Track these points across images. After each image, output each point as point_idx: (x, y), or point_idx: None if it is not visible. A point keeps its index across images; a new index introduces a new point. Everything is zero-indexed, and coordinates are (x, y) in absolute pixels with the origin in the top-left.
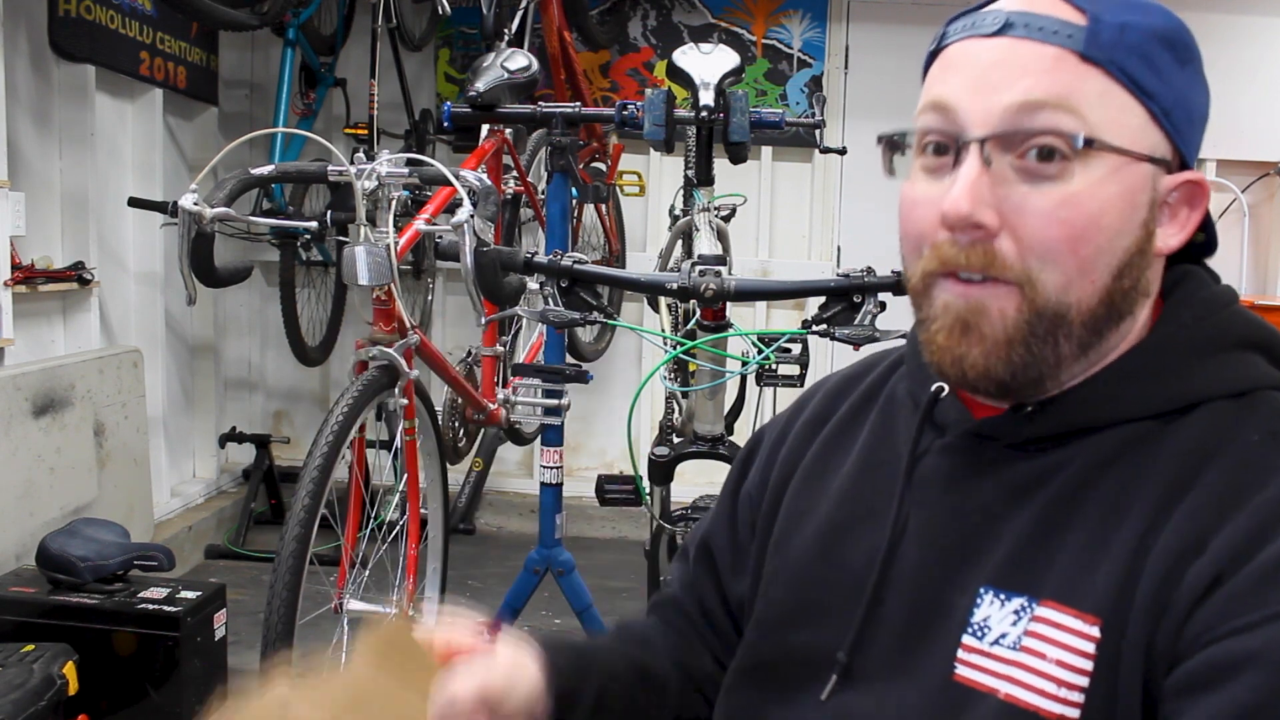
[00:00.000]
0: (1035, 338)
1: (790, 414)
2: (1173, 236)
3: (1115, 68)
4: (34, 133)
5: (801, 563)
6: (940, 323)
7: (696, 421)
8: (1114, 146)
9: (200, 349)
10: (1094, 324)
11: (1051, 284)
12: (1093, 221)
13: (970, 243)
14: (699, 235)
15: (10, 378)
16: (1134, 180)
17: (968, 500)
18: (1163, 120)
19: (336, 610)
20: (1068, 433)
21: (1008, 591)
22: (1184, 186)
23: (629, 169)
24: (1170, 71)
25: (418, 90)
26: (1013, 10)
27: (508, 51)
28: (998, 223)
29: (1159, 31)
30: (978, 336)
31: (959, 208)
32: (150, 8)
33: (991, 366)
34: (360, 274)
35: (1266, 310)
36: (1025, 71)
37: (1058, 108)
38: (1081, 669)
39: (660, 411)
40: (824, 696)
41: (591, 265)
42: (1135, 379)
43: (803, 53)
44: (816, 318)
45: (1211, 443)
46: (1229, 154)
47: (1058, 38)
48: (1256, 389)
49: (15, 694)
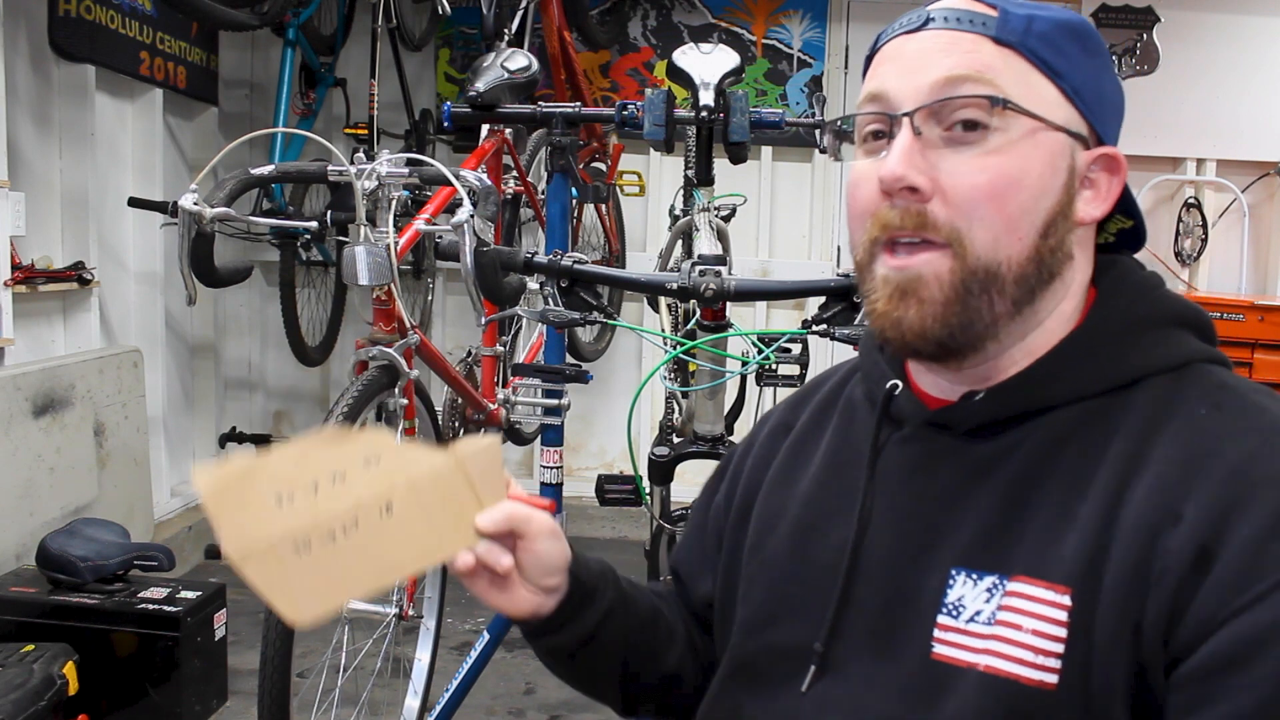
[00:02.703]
0: (970, 295)
1: (755, 429)
2: (1095, 207)
3: (1026, 49)
4: (34, 133)
5: (776, 564)
6: (879, 293)
7: (696, 421)
8: (1029, 111)
9: (200, 349)
10: (1025, 281)
11: (980, 241)
12: (1013, 180)
13: (905, 206)
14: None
15: (10, 378)
16: (1052, 145)
17: (929, 487)
18: (1074, 98)
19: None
20: (1019, 415)
21: (979, 571)
22: (1102, 159)
23: (629, 169)
24: (1077, 57)
25: (418, 90)
26: (933, 8)
27: (508, 51)
28: (930, 186)
29: (1064, 23)
30: (915, 300)
31: (893, 170)
32: (150, 8)
33: (928, 327)
34: (360, 274)
35: (1267, 310)
36: (947, 53)
37: (977, 80)
38: (1057, 636)
39: (660, 411)
40: (804, 688)
41: (591, 265)
42: (1078, 359)
43: (803, 53)
44: (816, 318)
45: (1159, 414)
46: (1229, 154)
47: (974, 26)
48: (1190, 362)
49: (15, 694)
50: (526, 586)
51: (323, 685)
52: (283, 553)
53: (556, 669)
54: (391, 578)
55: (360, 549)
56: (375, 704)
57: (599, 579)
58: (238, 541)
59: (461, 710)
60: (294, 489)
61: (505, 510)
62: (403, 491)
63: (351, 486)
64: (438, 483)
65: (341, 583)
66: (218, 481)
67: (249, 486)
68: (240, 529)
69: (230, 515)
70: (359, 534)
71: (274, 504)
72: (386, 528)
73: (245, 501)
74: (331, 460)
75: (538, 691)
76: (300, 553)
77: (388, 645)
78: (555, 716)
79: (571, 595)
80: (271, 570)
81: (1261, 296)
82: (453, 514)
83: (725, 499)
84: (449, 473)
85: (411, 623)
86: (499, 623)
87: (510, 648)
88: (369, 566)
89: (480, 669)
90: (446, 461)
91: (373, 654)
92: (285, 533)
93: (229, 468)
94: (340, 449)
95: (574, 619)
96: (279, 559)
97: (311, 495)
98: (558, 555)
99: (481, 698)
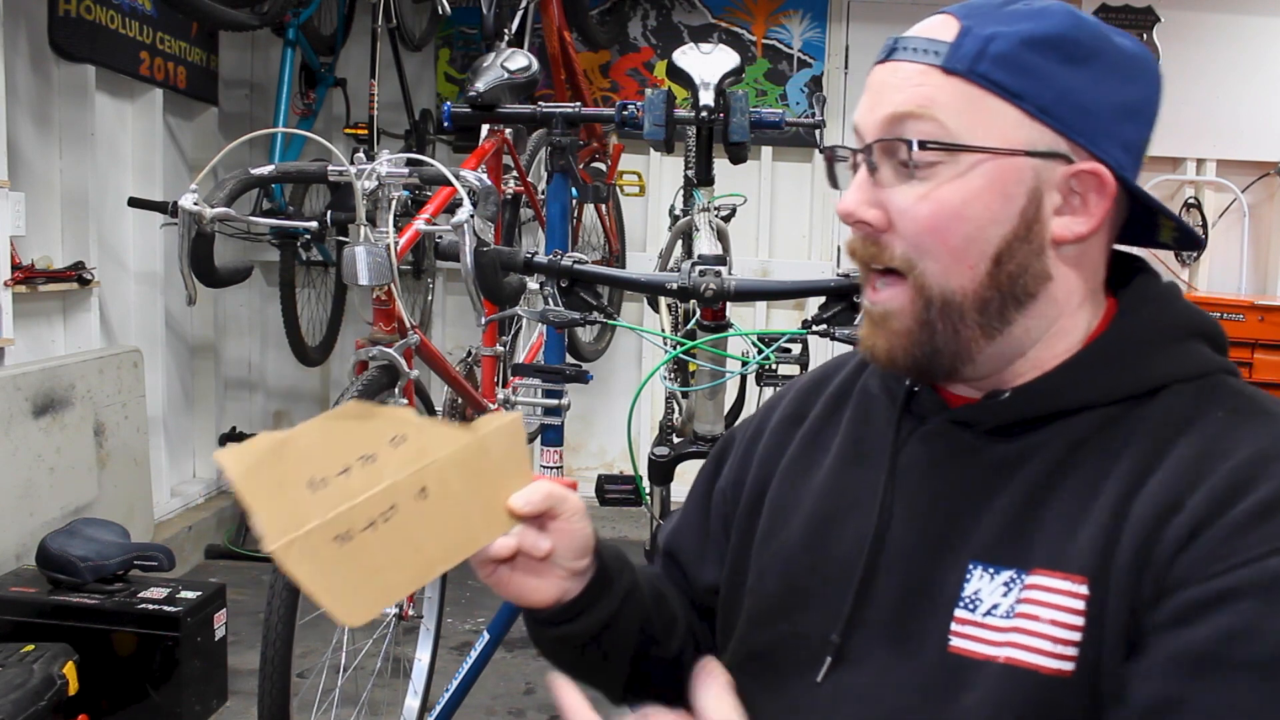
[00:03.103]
0: (932, 323)
1: (763, 414)
2: (1080, 225)
3: (976, 76)
4: (34, 133)
5: (789, 555)
6: (862, 322)
7: (696, 421)
8: (967, 145)
9: (200, 349)
10: (985, 307)
11: (931, 273)
12: (955, 213)
13: (863, 237)
14: (699, 235)
15: (10, 378)
16: (1003, 174)
17: (950, 483)
18: (1040, 116)
19: None
20: (1039, 418)
21: (996, 565)
22: (1082, 176)
23: (629, 169)
24: (1050, 71)
25: (418, 90)
26: (901, 35)
27: (508, 51)
28: (883, 220)
29: (1034, 38)
30: (884, 332)
31: (845, 206)
32: (150, 8)
33: (895, 355)
34: (360, 274)
35: (1267, 310)
36: (898, 88)
37: (919, 116)
38: (1075, 625)
39: (660, 411)
40: (819, 679)
41: (591, 265)
42: (1102, 366)
43: (803, 53)
44: (816, 318)
45: (1179, 420)
46: (1229, 154)
47: (926, 56)
48: (1211, 373)
49: (15, 694)
50: (556, 571)
51: (323, 685)
52: (324, 543)
53: (563, 659)
54: (435, 571)
55: (400, 538)
56: (375, 704)
57: (618, 560)
58: (276, 530)
59: (461, 710)
60: (325, 473)
61: (543, 490)
62: (435, 475)
63: (383, 469)
64: (466, 464)
65: (387, 578)
66: (247, 463)
67: (279, 468)
68: (278, 517)
69: (266, 501)
70: (397, 521)
71: (307, 489)
72: (424, 514)
73: (279, 485)
74: (358, 440)
75: (538, 691)
76: (342, 543)
77: (388, 645)
78: (555, 716)
79: (597, 576)
80: (316, 564)
81: (1261, 296)
82: (485, 497)
83: (732, 486)
84: (476, 453)
85: (411, 623)
86: (499, 623)
87: (510, 648)
88: (411, 559)
89: (480, 669)
90: (472, 441)
91: (373, 654)
92: (324, 521)
93: (255, 447)
94: (364, 426)
95: (598, 601)
96: (321, 550)
97: (345, 479)
98: (589, 536)
99: (481, 698)
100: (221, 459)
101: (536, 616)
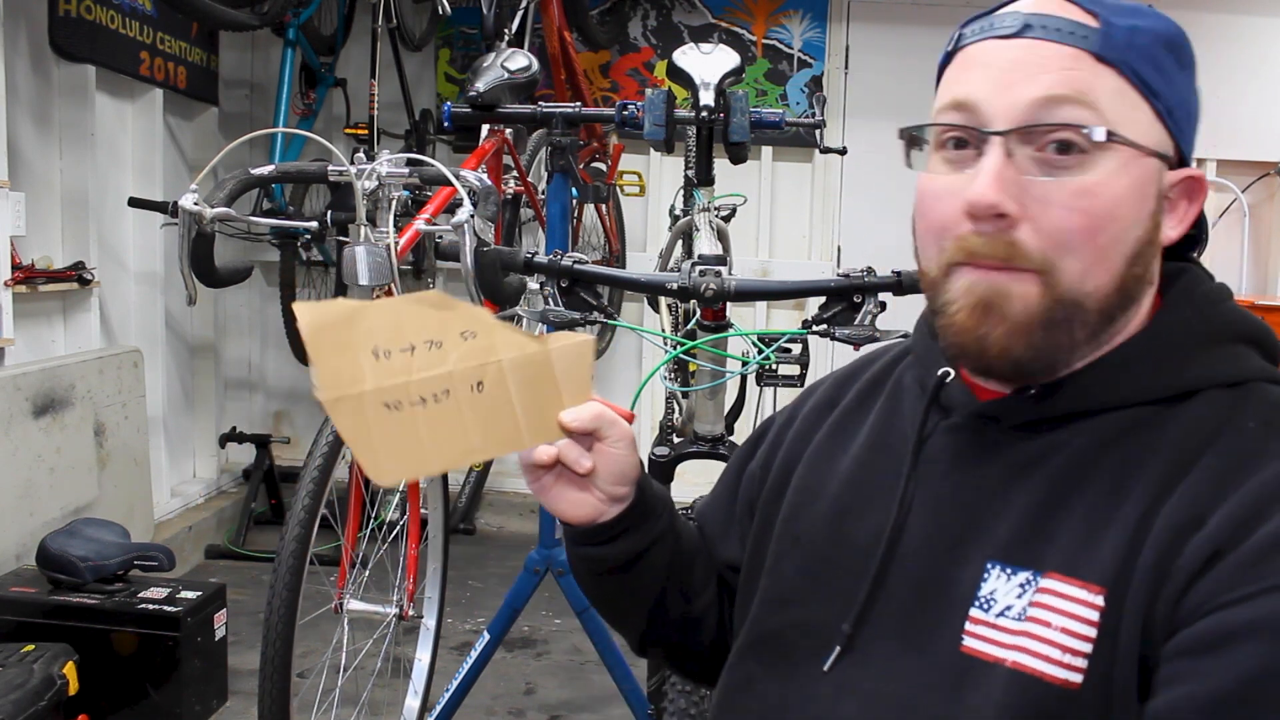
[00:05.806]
0: (1053, 323)
1: (799, 400)
2: (1172, 229)
3: (1127, 68)
4: (34, 133)
5: (810, 541)
6: (960, 304)
7: (696, 421)
8: (1128, 141)
9: (200, 349)
10: (1108, 310)
11: (1071, 272)
12: (1109, 212)
13: (994, 232)
14: (699, 235)
15: (10, 378)
16: (1144, 173)
17: (972, 478)
18: (1166, 119)
19: (337, 610)
20: (1068, 415)
21: (1013, 566)
22: (1184, 182)
23: (629, 169)
24: (1173, 73)
25: (418, 90)
26: (1030, 13)
27: (508, 51)
28: (1020, 212)
29: (1163, 36)
30: (999, 318)
31: (985, 197)
32: (150, 8)
33: (1012, 346)
34: (360, 274)
35: (1266, 310)
36: (1045, 69)
37: (1077, 102)
38: (1086, 636)
39: (660, 411)
40: (826, 668)
41: (591, 265)
42: (1137, 366)
43: (803, 53)
44: (817, 318)
45: (1211, 427)
46: (1229, 154)
47: (1074, 38)
48: (1249, 380)
49: (15, 694)
50: (595, 491)
51: (323, 685)
52: (373, 406)
53: (589, 584)
54: (472, 458)
55: (447, 420)
56: (375, 704)
57: (659, 501)
58: (332, 384)
59: (461, 710)
60: (391, 346)
61: (593, 410)
62: (494, 372)
63: (447, 356)
64: (528, 370)
65: (424, 450)
66: (320, 321)
67: (348, 332)
68: (335, 372)
69: (327, 357)
70: (448, 404)
71: (370, 357)
72: (475, 404)
73: (343, 346)
74: (430, 325)
75: (538, 691)
76: (390, 410)
77: (388, 645)
78: (555, 716)
79: (634, 507)
80: (360, 420)
81: (1261, 296)
82: (539, 405)
83: (761, 467)
84: (540, 363)
85: (411, 623)
86: (499, 623)
87: (510, 648)
88: (453, 441)
89: (480, 669)
90: (539, 351)
91: (373, 654)
92: (378, 387)
93: (332, 308)
94: (440, 315)
95: (631, 531)
96: (368, 411)
97: (408, 356)
98: (633, 465)
99: (481, 698)
100: (297, 309)
101: (570, 533)
